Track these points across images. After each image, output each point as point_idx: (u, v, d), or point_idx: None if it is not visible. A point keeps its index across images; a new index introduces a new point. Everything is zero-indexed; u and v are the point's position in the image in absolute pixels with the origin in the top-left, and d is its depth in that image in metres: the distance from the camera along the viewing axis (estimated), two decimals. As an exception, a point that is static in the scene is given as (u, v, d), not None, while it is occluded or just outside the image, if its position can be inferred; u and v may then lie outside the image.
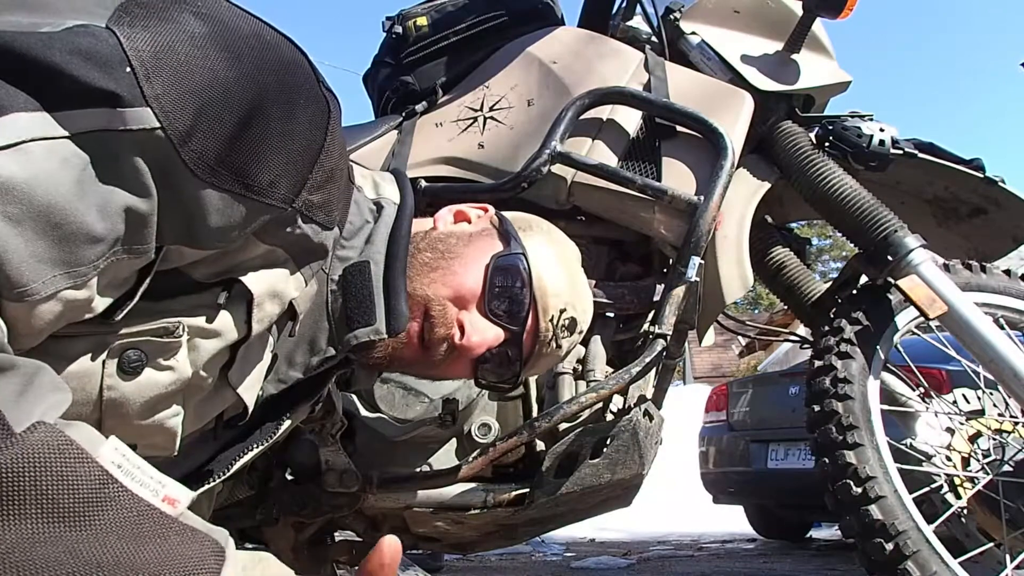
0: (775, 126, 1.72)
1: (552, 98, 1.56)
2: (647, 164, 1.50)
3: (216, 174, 0.62)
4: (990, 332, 1.55)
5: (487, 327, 0.89)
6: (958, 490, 1.67)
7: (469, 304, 0.89)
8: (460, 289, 0.89)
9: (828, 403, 1.53)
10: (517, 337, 0.92)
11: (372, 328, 0.84)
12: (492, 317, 0.90)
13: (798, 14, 1.70)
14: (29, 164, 0.54)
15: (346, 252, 0.86)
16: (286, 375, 0.87)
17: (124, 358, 0.66)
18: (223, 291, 0.71)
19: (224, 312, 0.72)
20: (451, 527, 1.39)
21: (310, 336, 0.86)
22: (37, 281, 0.55)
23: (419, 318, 0.87)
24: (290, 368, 0.87)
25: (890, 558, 1.41)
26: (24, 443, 0.46)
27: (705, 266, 1.44)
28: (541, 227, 1.02)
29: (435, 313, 0.87)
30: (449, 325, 0.88)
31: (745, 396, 4.49)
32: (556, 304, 0.95)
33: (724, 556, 4.36)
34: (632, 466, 1.30)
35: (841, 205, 1.64)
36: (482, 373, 0.95)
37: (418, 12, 1.74)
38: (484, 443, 1.34)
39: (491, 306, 0.90)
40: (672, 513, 6.49)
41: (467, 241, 0.93)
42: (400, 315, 0.85)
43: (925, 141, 1.80)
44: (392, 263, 0.86)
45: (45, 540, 0.46)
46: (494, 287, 0.90)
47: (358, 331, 0.84)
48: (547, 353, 0.97)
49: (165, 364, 0.69)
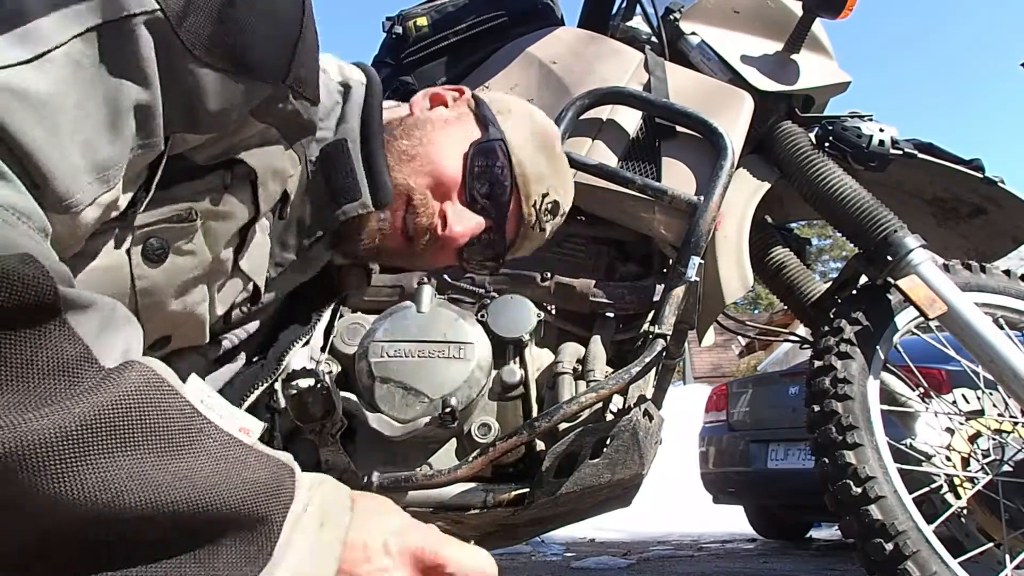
0: (775, 126, 1.73)
1: (552, 98, 1.56)
2: (647, 164, 1.50)
3: (211, 53, 0.63)
4: (990, 332, 1.56)
5: (469, 216, 0.90)
6: (958, 490, 1.67)
7: (450, 192, 0.89)
8: (440, 178, 0.88)
9: (828, 403, 1.53)
10: (500, 223, 0.93)
11: (359, 203, 0.85)
12: (474, 206, 0.90)
13: (798, 14, 1.70)
14: (54, 74, 0.55)
15: (321, 133, 0.86)
16: (281, 257, 0.88)
17: (147, 246, 0.69)
18: (226, 172, 0.73)
19: (231, 194, 0.73)
20: (451, 527, 1.39)
21: (299, 216, 0.87)
22: (79, 191, 0.56)
23: (401, 209, 0.88)
24: (284, 251, 0.88)
25: (890, 558, 1.41)
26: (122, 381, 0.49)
27: (705, 266, 1.44)
28: (521, 109, 1.02)
29: (417, 203, 0.87)
30: (431, 215, 0.88)
31: (745, 396, 4.49)
32: (538, 189, 0.95)
33: (724, 556, 4.36)
34: (632, 466, 1.30)
35: (841, 205, 1.65)
36: (467, 259, 0.96)
37: (418, 12, 1.74)
38: (484, 443, 1.34)
39: (472, 195, 0.90)
40: (672, 513, 6.48)
41: (444, 128, 0.92)
42: (384, 187, 0.86)
43: (925, 141, 1.81)
44: (369, 138, 0.87)
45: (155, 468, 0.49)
46: (474, 175, 0.90)
47: (346, 207, 0.85)
48: (531, 236, 0.98)
49: (186, 249, 0.71)
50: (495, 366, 1.43)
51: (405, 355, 1.39)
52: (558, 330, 1.49)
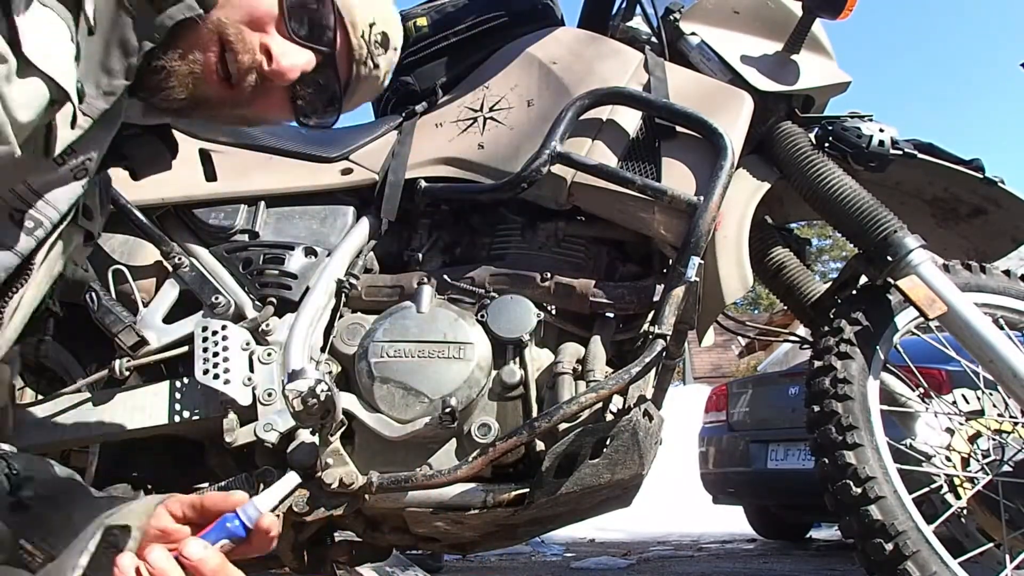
0: (775, 126, 1.73)
1: (552, 98, 1.56)
2: (647, 164, 1.50)
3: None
4: (990, 332, 1.56)
5: (296, 51, 0.84)
6: (958, 490, 1.67)
7: (267, 26, 0.84)
8: (254, 9, 0.82)
9: (828, 403, 1.53)
10: (330, 58, 0.87)
11: (184, 4, 0.78)
12: (297, 38, 0.85)
13: (798, 14, 1.70)
14: None
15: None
16: (109, 85, 0.78)
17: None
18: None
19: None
20: (451, 527, 1.39)
21: (119, 35, 0.78)
22: None
23: (215, 47, 0.81)
24: (111, 77, 0.78)
25: (890, 558, 1.41)
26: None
27: (705, 266, 1.44)
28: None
29: (232, 38, 0.81)
30: (252, 51, 0.82)
31: (745, 396, 4.49)
32: (364, 18, 0.91)
33: (724, 556, 4.36)
34: (632, 466, 1.30)
35: (841, 205, 1.64)
36: (301, 108, 0.90)
37: (418, 12, 1.74)
38: (484, 443, 1.34)
39: (292, 26, 0.84)
40: (672, 513, 6.49)
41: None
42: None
43: (925, 141, 1.80)
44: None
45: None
46: (292, 3, 0.84)
47: (169, 11, 0.78)
48: (366, 75, 0.93)
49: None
50: (495, 366, 1.43)
51: (405, 355, 1.39)
52: (558, 330, 1.49)
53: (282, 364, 1.37)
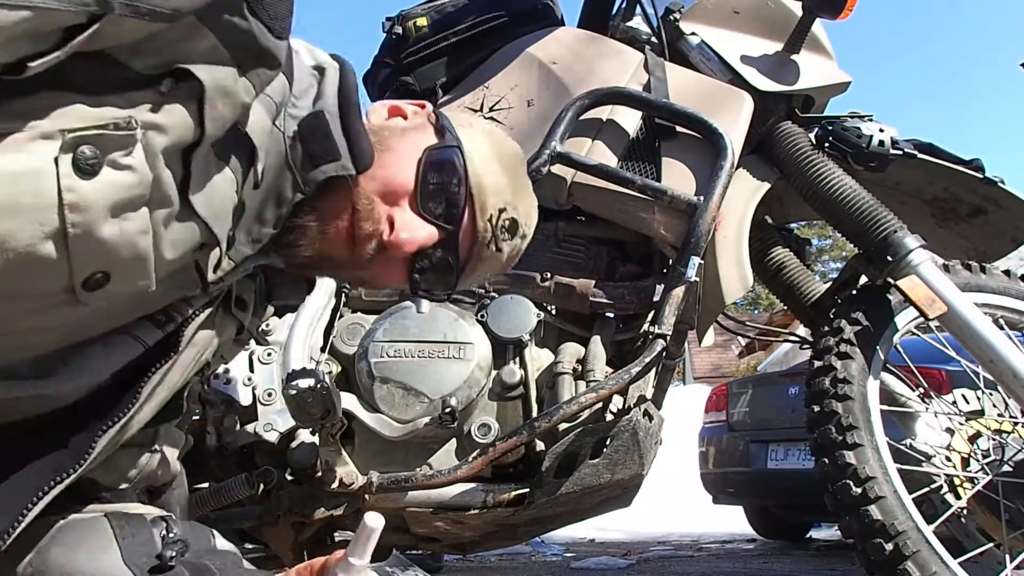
0: (775, 126, 1.73)
1: (552, 98, 1.56)
2: (647, 164, 1.50)
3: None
4: (990, 332, 1.56)
5: (419, 224, 0.85)
6: (958, 490, 1.67)
7: (400, 200, 0.85)
8: (390, 183, 0.85)
9: (828, 403, 1.53)
10: (452, 237, 0.88)
11: (338, 163, 0.80)
12: (425, 215, 0.86)
13: (798, 15, 1.70)
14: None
15: (297, 111, 0.82)
16: (259, 233, 0.82)
17: (79, 155, 0.61)
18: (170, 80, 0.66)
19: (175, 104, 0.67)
20: (451, 527, 1.39)
21: (276, 189, 0.82)
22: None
23: (347, 212, 0.83)
24: (262, 226, 0.82)
25: (890, 558, 1.41)
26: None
27: (705, 266, 1.44)
28: (483, 125, 0.98)
29: (362, 207, 0.83)
30: (377, 220, 0.84)
31: (745, 396, 4.49)
32: (495, 203, 0.90)
33: (724, 556, 4.36)
34: (632, 466, 1.30)
35: (841, 205, 1.64)
36: (417, 279, 0.90)
37: (418, 12, 1.74)
38: (484, 443, 1.34)
39: (424, 202, 0.86)
40: (672, 513, 6.48)
41: (400, 135, 0.89)
42: (364, 152, 0.82)
43: (925, 142, 1.81)
44: (347, 110, 0.83)
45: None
46: (427, 182, 0.86)
47: (324, 167, 0.80)
48: (486, 257, 0.92)
49: (123, 163, 0.64)
50: (495, 366, 1.43)
51: (405, 355, 1.39)
52: (558, 330, 1.50)
53: (282, 364, 1.37)
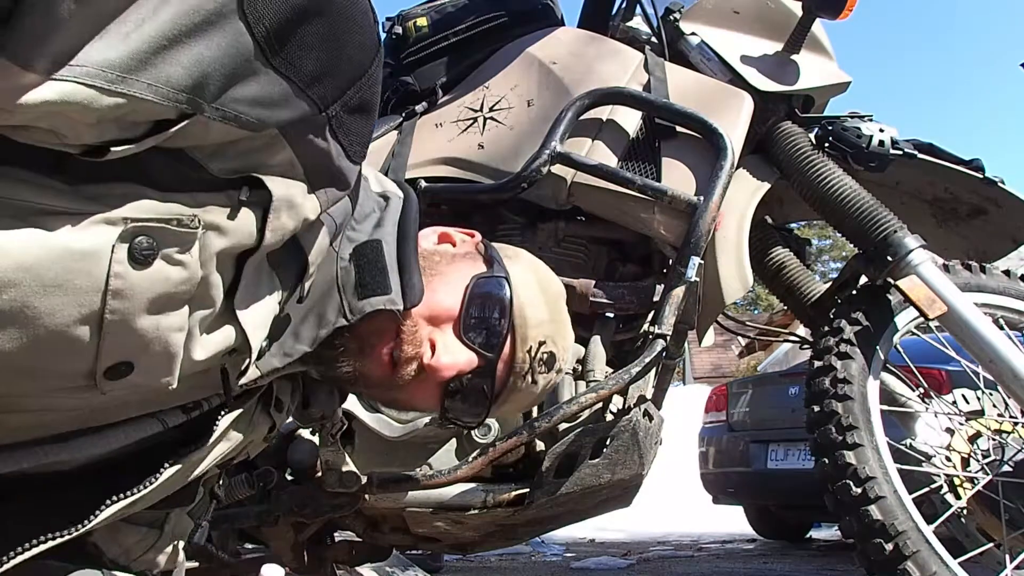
0: (775, 127, 1.73)
1: (552, 98, 1.56)
2: (647, 164, 1.50)
3: (268, 41, 0.61)
4: (990, 332, 1.56)
5: (460, 350, 0.86)
6: (958, 490, 1.67)
7: (443, 324, 0.87)
8: (436, 308, 0.86)
9: (828, 403, 1.53)
10: (491, 365, 0.88)
11: (387, 297, 0.81)
12: (467, 341, 0.87)
13: (798, 15, 1.70)
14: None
15: (356, 234, 0.84)
16: (292, 348, 0.82)
17: (136, 244, 0.62)
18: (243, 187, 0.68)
19: (241, 209, 0.68)
20: (451, 527, 1.39)
21: (319, 308, 0.83)
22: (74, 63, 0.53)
23: (391, 336, 0.84)
24: (297, 342, 0.83)
25: (890, 558, 1.41)
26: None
27: (705, 266, 1.44)
28: (529, 258, 1.00)
29: (406, 329, 0.84)
30: (419, 344, 0.85)
31: (745, 396, 4.49)
32: (535, 335, 0.92)
33: (724, 556, 4.36)
34: (632, 466, 1.30)
35: (841, 205, 1.65)
36: (449, 404, 0.91)
37: (418, 12, 1.74)
38: (484, 443, 1.34)
39: (466, 329, 0.87)
40: (672, 513, 6.49)
41: (450, 261, 0.91)
42: (415, 288, 0.83)
43: (925, 142, 1.81)
44: (404, 243, 0.85)
45: None
46: (472, 309, 0.87)
47: (372, 299, 0.81)
48: (521, 388, 0.93)
49: (177, 258, 0.65)
50: (495, 366, 1.42)
51: (405, 355, 1.39)
52: (558, 330, 1.49)
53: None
